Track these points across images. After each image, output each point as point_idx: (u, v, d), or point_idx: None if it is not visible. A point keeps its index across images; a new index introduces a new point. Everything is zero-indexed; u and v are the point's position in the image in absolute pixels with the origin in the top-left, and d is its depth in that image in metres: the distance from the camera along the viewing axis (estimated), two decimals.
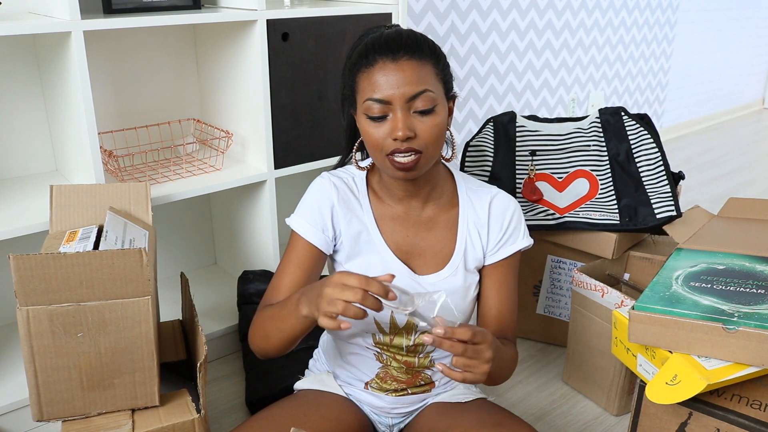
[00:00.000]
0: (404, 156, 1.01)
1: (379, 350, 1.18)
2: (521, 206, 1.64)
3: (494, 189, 1.19)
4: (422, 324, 0.91)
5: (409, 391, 1.20)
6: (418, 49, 1.02)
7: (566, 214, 1.62)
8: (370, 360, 1.19)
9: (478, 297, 1.19)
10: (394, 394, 1.20)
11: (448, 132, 1.12)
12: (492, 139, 1.69)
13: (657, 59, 3.69)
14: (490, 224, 1.16)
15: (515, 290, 1.18)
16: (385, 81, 0.99)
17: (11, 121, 1.57)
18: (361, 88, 1.03)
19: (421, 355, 1.18)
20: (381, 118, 1.01)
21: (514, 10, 2.76)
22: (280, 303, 1.05)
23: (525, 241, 1.18)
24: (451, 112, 1.10)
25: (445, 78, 1.07)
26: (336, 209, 1.13)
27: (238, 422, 1.46)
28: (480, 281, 1.18)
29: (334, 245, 1.15)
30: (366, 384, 1.21)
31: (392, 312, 1.12)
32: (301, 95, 1.64)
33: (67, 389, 1.07)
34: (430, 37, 1.08)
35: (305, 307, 0.96)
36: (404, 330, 1.14)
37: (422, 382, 1.21)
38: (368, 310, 0.92)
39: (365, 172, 1.17)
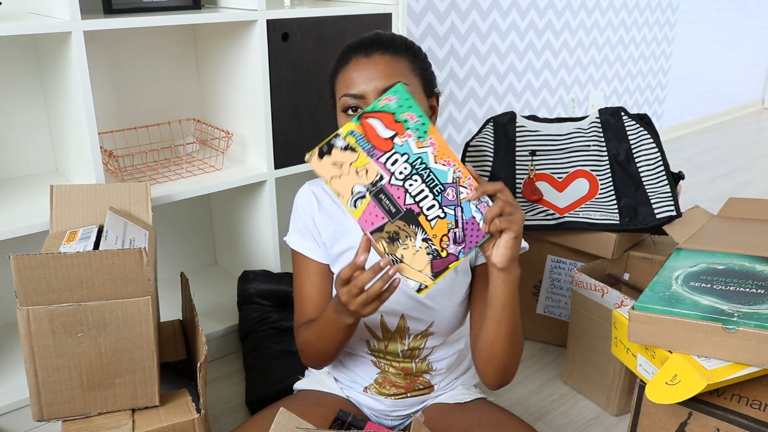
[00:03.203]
0: None
1: (375, 357, 1.17)
2: (521, 206, 1.65)
3: None
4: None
5: (408, 395, 1.20)
6: (392, 45, 1.03)
7: (566, 214, 1.62)
8: (368, 366, 1.19)
9: (472, 297, 1.16)
10: (393, 398, 1.20)
11: None
12: (492, 139, 1.69)
13: (657, 59, 3.69)
14: None
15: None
16: (358, 76, 1.01)
17: (11, 121, 1.57)
18: (338, 87, 1.05)
19: (417, 360, 1.18)
20: (356, 113, 1.01)
21: (514, 11, 2.76)
22: (320, 324, 1.07)
23: None
24: (434, 110, 1.10)
25: (424, 75, 1.07)
26: (317, 217, 1.14)
27: (238, 422, 1.46)
28: (472, 281, 1.16)
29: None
30: (365, 388, 1.21)
31: (382, 316, 1.12)
32: (301, 95, 1.64)
33: (67, 389, 1.07)
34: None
35: (347, 317, 0.99)
36: (397, 334, 1.14)
37: (421, 386, 1.20)
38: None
39: None
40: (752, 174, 3.29)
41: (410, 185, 0.88)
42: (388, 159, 0.88)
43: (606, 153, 1.61)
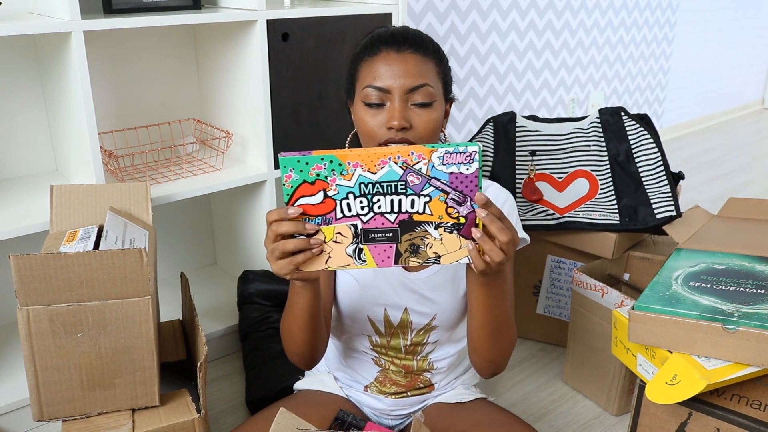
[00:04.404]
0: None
1: (377, 354, 1.17)
2: (521, 206, 1.65)
3: (488, 182, 1.18)
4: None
5: (409, 394, 1.20)
6: (423, 45, 1.03)
7: (566, 214, 1.62)
8: (369, 364, 1.19)
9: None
10: (393, 397, 1.20)
11: (442, 134, 1.11)
12: (492, 139, 1.69)
13: (657, 59, 3.69)
14: None
15: (510, 283, 1.13)
16: (387, 70, 1.00)
17: (11, 121, 1.57)
18: (362, 76, 1.03)
19: (419, 357, 1.18)
20: (378, 107, 1.01)
21: (514, 11, 2.76)
22: (287, 300, 1.04)
23: (518, 233, 1.16)
24: (447, 114, 1.10)
25: (446, 79, 1.07)
26: None
27: (238, 422, 1.46)
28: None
29: None
30: (365, 387, 1.21)
31: (385, 309, 1.12)
32: (301, 95, 1.64)
33: (67, 389, 1.07)
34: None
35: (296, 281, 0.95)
36: (399, 329, 1.14)
37: (421, 385, 1.20)
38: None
39: None
40: (752, 174, 3.29)
41: (380, 208, 0.85)
42: (342, 210, 0.85)
43: (606, 153, 1.61)
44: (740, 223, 1.39)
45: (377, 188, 0.84)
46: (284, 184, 0.84)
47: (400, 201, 0.84)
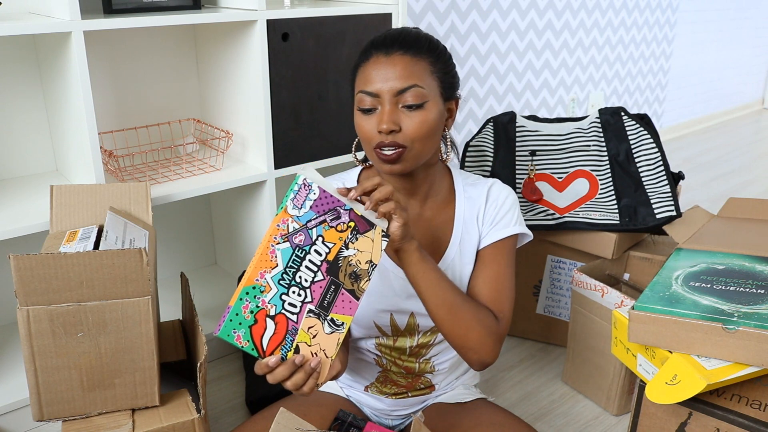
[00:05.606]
0: (389, 149, 1.01)
1: (379, 354, 1.18)
2: (521, 206, 1.65)
3: (493, 179, 1.18)
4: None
5: (409, 394, 1.21)
6: (415, 45, 1.02)
7: (566, 214, 1.62)
8: (370, 364, 1.19)
9: (469, 282, 1.13)
10: (393, 397, 1.20)
11: (447, 133, 1.11)
12: (492, 139, 1.69)
13: (657, 59, 3.69)
14: (486, 207, 1.14)
15: (507, 276, 1.12)
16: (376, 74, 1.01)
17: (11, 121, 1.57)
18: (357, 83, 1.05)
19: (421, 360, 1.18)
20: (371, 111, 1.02)
21: (514, 11, 2.76)
22: None
23: (519, 227, 1.13)
24: (452, 113, 1.09)
25: (444, 78, 1.05)
26: None
27: (238, 422, 1.46)
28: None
29: None
30: (366, 387, 1.21)
31: (392, 315, 1.12)
32: (301, 95, 1.64)
33: (67, 389, 1.07)
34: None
35: None
36: (407, 332, 1.14)
37: (422, 386, 1.21)
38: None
39: (357, 174, 1.17)
40: (752, 174, 3.29)
41: (307, 281, 0.88)
42: (292, 312, 0.88)
43: (606, 153, 1.61)
44: (740, 223, 1.39)
45: (290, 271, 0.88)
46: (242, 347, 0.87)
47: (311, 260, 0.89)
